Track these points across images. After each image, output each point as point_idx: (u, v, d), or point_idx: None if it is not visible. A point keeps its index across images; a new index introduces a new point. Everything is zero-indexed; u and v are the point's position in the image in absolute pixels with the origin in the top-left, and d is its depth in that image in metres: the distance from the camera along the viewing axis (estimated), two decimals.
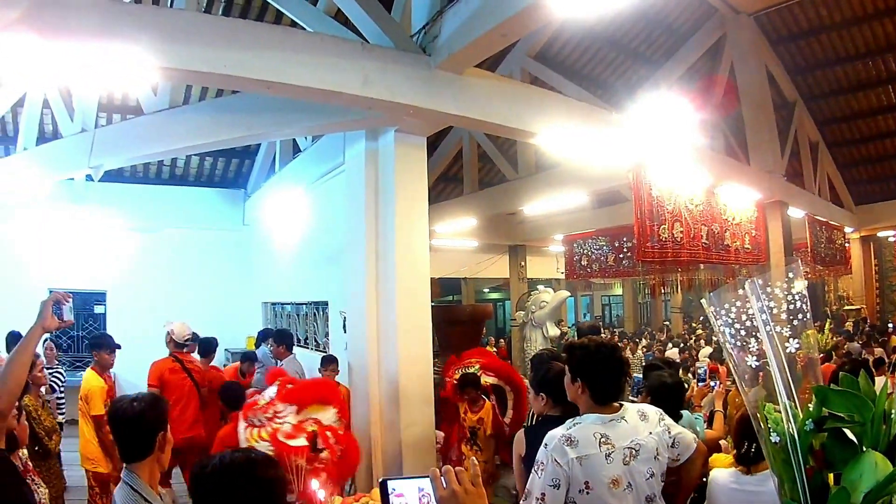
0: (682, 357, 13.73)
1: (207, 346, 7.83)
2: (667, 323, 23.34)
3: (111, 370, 6.76)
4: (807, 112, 15.81)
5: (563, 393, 3.17)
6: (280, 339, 7.86)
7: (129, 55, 4.15)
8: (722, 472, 3.41)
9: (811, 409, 2.20)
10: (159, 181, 13.21)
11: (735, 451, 3.44)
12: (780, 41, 13.99)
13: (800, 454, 2.03)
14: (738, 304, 2.47)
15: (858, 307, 20.13)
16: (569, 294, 10.87)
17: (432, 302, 6.77)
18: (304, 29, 5.77)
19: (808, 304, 2.41)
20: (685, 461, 3.03)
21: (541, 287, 11.08)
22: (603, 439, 2.74)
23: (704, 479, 3.53)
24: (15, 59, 4.04)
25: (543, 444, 2.80)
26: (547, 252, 19.71)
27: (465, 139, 12.86)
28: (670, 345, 16.30)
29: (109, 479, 5.43)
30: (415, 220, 6.53)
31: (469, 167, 13.12)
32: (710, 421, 5.68)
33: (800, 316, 2.31)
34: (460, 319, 8.89)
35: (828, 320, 15.81)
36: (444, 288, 19.67)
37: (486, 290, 24.95)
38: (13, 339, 6.24)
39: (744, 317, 2.40)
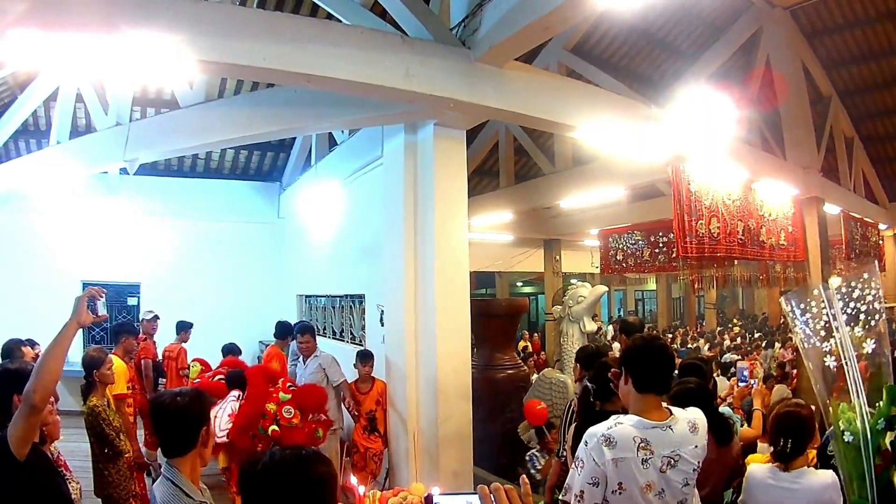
0: (711, 353, 13.67)
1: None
2: (701, 321, 23.20)
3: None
4: (842, 107, 15.61)
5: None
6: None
7: (167, 48, 4.18)
8: (759, 467, 3.47)
9: (882, 407, 2.18)
10: (194, 174, 13.39)
11: (772, 448, 3.46)
12: (816, 35, 13.84)
13: (871, 451, 2.02)
14: (815, 305, 2.46)
15: (892, 305, 19.93)
16: (606, 289, 10.81)
17: None
18: (341, 22, 5.77)
19: (883, 303, 2.38)
20: None
21: (577, 282, 11.03)
22: (642, 444, 2.74)
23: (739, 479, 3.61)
24: (47, 50, 4.04)
25: (584, 441, 2.82)
26: (581, 246, 19.73)
27: (501, 133, 12.91)
28: (702, 340, 16.23)
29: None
30: (454, 214, 6.58)
31: (505, 161, 13.17)
32: (748, 419, 5.67)
33: (876, 317, 2.28)
34: (497, 313, 8.90)
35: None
36: (478, 281, 19.84)
37: (519, 284, 24.95)
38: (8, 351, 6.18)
39: (822, 319, 2.39)
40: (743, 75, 11.63)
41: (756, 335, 18.58)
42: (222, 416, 5.99)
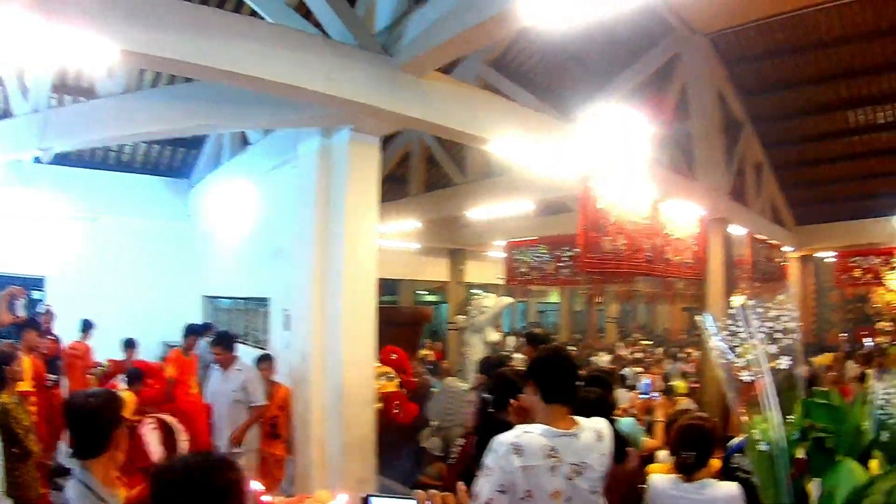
0: (612, 366, 14.12)
1: None
2: (601, 334, 23.84)
3: None
4: (754, 133, 16.32)
5: None
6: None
7: (90, 36, 4.08)
8: (661, 477, 3.57)
9: (795, 420, 2.44)
10: (105, 166, 13.04)
11: (675, 459, 3.56)
12: (734, 62, 14.38)
13: (785, 460, 2.26)
14: (732, 322, 2.68)
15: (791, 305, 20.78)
16: (511, 301, 11.08)
17: None
18: (264, 19, 5.77)
19: (799, 323, 2.60)
20: None
21: (481, 292, 11.28)
22: (550, 452, 2.81)
23: (643, 486, 3.71)
24: None
25: (493, 449, 2.86)
26: (486, 257, 19.90)
27: (413, 141, 12.94)
28: (602, 353, 16.67)
29: None
30: (365, 221, 6.61)
31: (416, 169, 13.22)
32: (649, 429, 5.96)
33: (792, 335, 2.48)
34: (402, 321, 8.98)
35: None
36: (382, 288, 19.99)
37: (423, 292, 25.09)
38: None
39: (738, 335, 2.60)
40: (659, 97, 12.03)
41: (658, 350, 19.20)
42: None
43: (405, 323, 9.00)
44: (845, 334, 21.92)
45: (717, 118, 12.79)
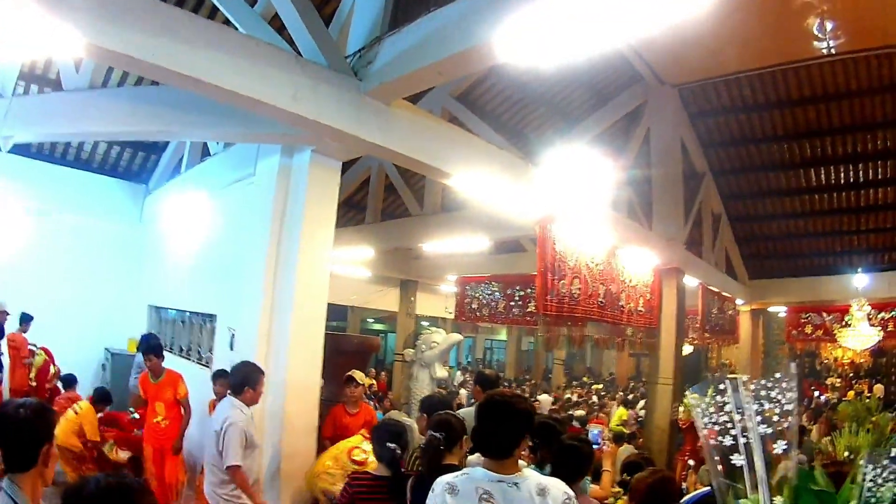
0: (555, 407, 14.23)
1: None
2: (548, 375, 24.02)
3: None
4: (714, 185, 16.76)
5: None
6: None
7: (56, 23, 4.00)
8: None
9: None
10: (62, 161, 12.67)
11: None
12: (700, 114, 14.81)
13: None
14: (720, 400, 2.68)
15: (742, 377, 21.13)
16: (461, 338, 11.07)
17: None
18: (237, 29, 5.76)
19: (797, 404, 2.59)
20: None
21: (430, 326, 11.27)
22: (485, 496, 2.80)
23: None
24: None
25: (432, 487, 2.92)
26: (437, 290, 19.96)
27: (373, 167, 12.91)
28: (545, 395, 16.77)
29: None
30: (320, 245, 6.57)
31: (374, 196, 13.15)
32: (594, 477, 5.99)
33: (790, 419, 2.46)
34: (348, 350, 8.80)
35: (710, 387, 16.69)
36: (330, 314, 19.95)
37: (371, 321, 25.06)
38: None
39: (726, 415, 2.60)
40: (622, 144, 12.28)
41: (605, 395, 19.39)
42: None
43: (352, 351, 8.81)
44: None
45: (678, 168, 13.09)
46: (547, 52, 4.62)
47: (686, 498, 4.13)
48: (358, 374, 7.20)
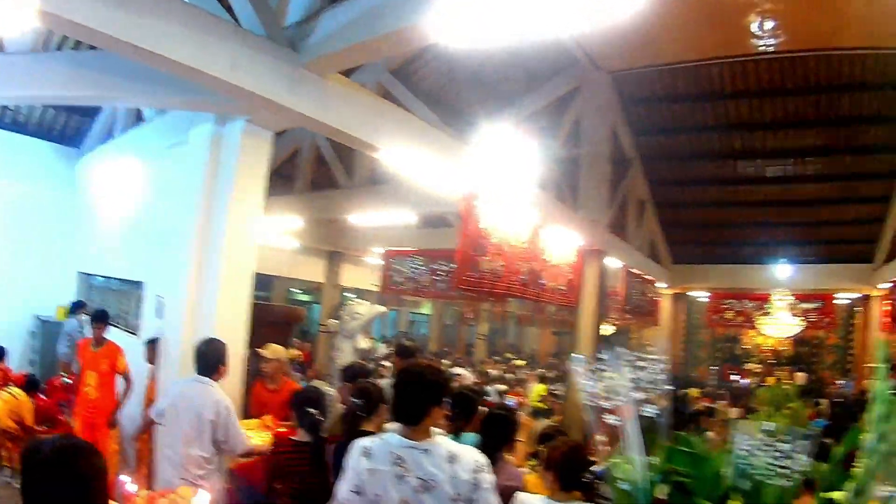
0: (478, 382, 14.62)
1: None
2: (471, 350, 24.44)
3: None
4: (641, 171, 17.32)
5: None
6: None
7: None
8: (530, 496, 3.67)
9: (658, 463, 2.72)
10: None
11: (553, 480, 3.68)
12: (633, 101, 15.26)
13: (646, 500, 2.55)
14: (600, 368, 3.01)
15: (661, 358, 21.87)
16: (385, 310, 11.30)
17: None
18: None
19: (666, 375, 2.89)
20: None
21: (355, 297, 11.47)
22: (398, 460, 2.97)
23: None
24: None
25: (349, 451, 3.11)
26: (364, 262, 20.10)
27: (305, 138, 12.87)
28: (464, 369, 17.15)
29: None
30: (249, 214, 6.66)
31: (304, 167, 13.21)
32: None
33: (659, 385, 2.78)
34: (273, 320, 8.86)
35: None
36: (256, 284, 19.85)
37: (296, 291, 25.07)
38: None
39: (605, 381, 2.92)
40: (555, 126, 12.60)
41: (526, 370, 19.87)
42: None
43: (277, 322, 8.90)
44: (714, 370, 23.45)
45: (607, 153, 13.55)
46: (481, 35, 4.81)
47: (596, 468, 4.53)
48: (271, 349, 6.91)
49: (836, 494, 2.03)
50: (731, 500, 2.39)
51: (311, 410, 4.60)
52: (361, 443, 3.11)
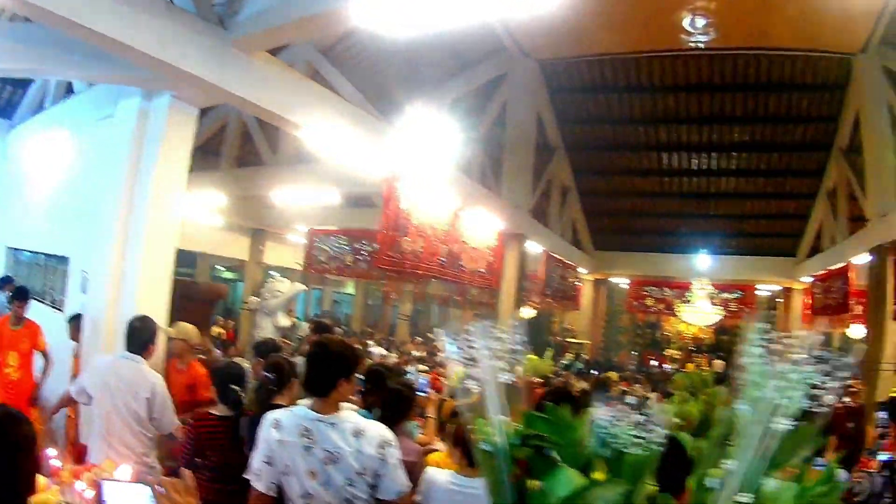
0: (399, 361, 14.90)
1: None
2: (393, 330, 24.68)
3: None
4: (566, 159, 17.86)
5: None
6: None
7: None
8: (439, 472, 3.70)
9: (520, 428, 2.92)
10: None
11: (460, 456, 3.70)
12: (560, 90, 15.70)
13: (506, 462, 2.75)
14: (466, 337, 3.27)
15: (582, 342, 22.50)
16: (304, 288, 11.38)
17: None
18: None
19: (526, 345, 3.15)
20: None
21: (277, 275, 11.55)
22: (305, 433, 3.05)
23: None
24: None
25: (261, 423, 3.19)
26: (288, 241, 19.98)
27: (231, 114, 12.76)
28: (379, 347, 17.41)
29: None
30: (172, 191, 6.62)
31: (230, 143, 13.18)
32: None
33: (517, 356, 3.05)
34: (196, 297, 8.98)
35: (549, 349, 17.74)
36: (179, 260, 19.55)
37: (221, 268, 24.89)
38: None
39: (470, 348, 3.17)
40: (482, 110, 12.95)
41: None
42: None
43: (199, 299, 9.00)
44: (634, 355, 24.16)
45: (532, 140, 13.99)
46: (404, 21, 5.02)
47: None
48: (178, 327, 6.62)
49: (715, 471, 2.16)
50: (595, 467, 2.62)
51: (234, 386, 4.67)
52: (272, 415, 3.18)
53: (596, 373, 14.62)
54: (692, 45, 10.75)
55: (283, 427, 3.08)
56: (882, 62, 11.90)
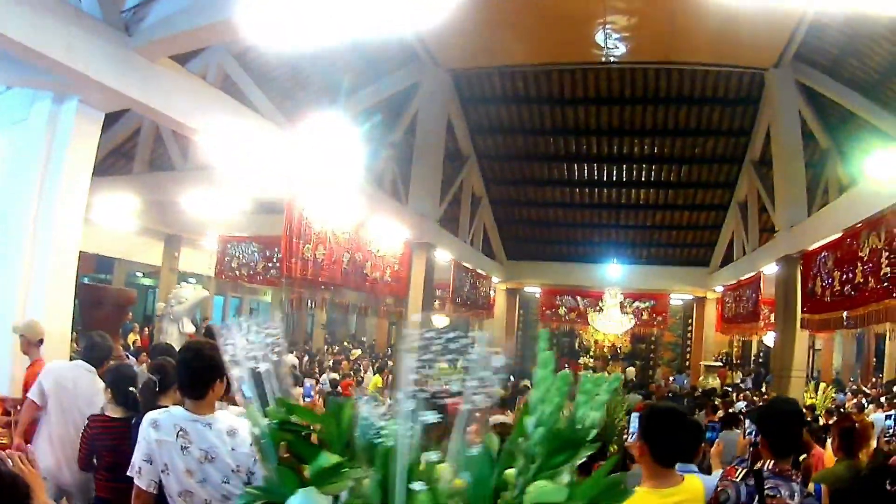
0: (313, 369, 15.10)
1: None
2: (309, 339, 24.83)
3: None
4: (477, 168, 18.27)
5: None
6: None
7: None
8: None
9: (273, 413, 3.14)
10: None
11: None
12: (472, 100, 16.08)
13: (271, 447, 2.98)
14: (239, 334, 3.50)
15: (495, 350, 22.82)
16: (207, 294, 11.40)
17: (85, 278, 6.58)
18: None
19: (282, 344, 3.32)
20: None
21: (187, 282, 11.57)
22: (181, 433, 3.13)
23: None
24: None
25: (141, 424, 3.23)
26: (203, 247, 19.57)
27: (144, 118, 12.06)
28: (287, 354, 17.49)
29: None
30: (76, 194, 6.67)
31: (143, 147, 13.03)
32: None
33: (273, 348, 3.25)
34: (104, 301, 9.02)
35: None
36: (97, 265, 19.25)
37: (139, 274, 24.63)
38: None
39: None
40: (393, 120, 13.28)
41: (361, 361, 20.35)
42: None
43: (108, 303, 8.99)
44: None
45: (441, 149, 14.36)
46: (289, 36, 5.31)
47: None
48: (25, 323, 6.25)
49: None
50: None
51: (131, 389, 4.77)
52: (151, 415, 3.24)
53: (512, 379, 15.01)
54: (603, 58, 11.18)
55: (160, 427, 3.15)
56: (795, 76, 12.56)
